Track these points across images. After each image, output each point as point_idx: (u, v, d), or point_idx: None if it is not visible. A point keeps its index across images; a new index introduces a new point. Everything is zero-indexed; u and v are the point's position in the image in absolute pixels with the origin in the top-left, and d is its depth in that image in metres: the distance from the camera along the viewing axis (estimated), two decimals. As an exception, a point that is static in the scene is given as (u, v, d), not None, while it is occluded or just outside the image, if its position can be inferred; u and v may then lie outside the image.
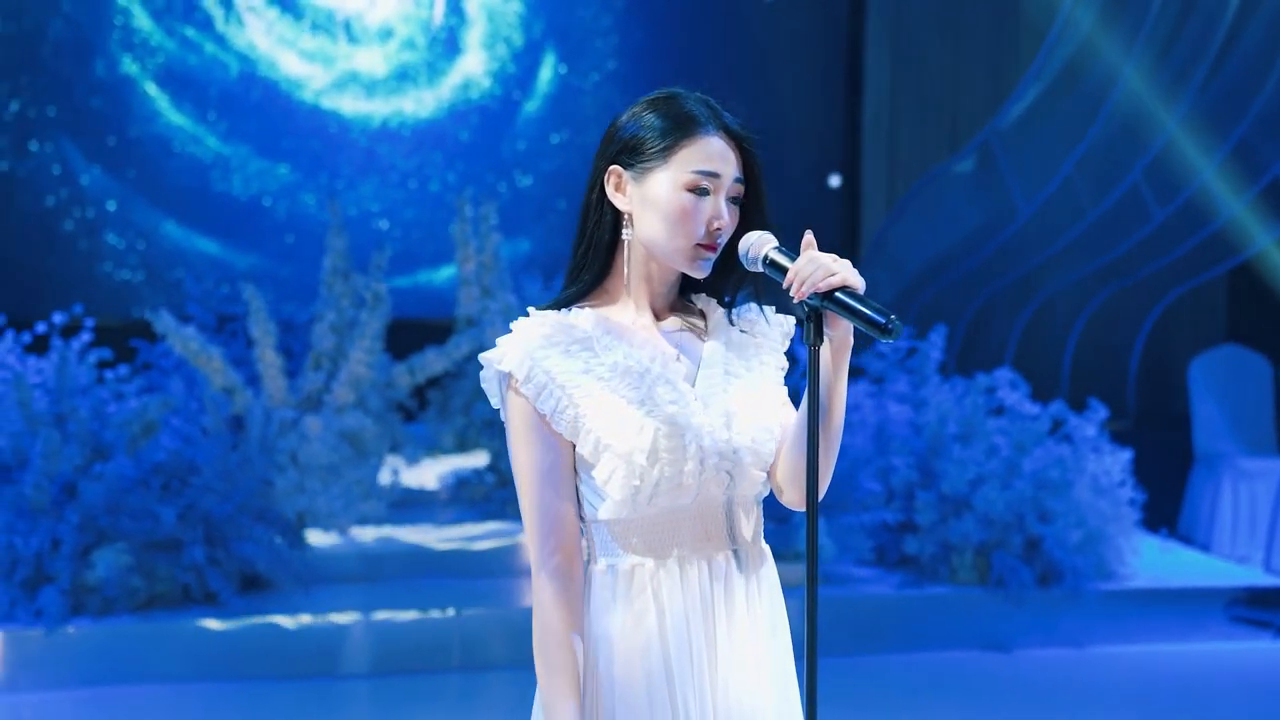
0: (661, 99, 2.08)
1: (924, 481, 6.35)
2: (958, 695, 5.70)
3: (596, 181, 2.09)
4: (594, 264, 2.10)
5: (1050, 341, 9.50)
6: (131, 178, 10.22)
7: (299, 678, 5.68)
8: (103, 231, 10.16)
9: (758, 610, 2.08)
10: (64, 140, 10.08)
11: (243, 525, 5.79)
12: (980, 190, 8.96)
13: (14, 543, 5.49)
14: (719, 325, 2.15)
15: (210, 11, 10.42)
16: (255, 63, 10.55)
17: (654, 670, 2.00)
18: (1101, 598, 6.30)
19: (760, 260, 2.00)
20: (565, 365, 2.02)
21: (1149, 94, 8.20)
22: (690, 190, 2.02)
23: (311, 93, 10.67)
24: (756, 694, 2.05)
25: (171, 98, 10.33)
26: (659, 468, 1.98)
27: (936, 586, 6.30)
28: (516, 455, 2.04)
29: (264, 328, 6.23)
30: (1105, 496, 6.42)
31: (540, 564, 2.02)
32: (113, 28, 10.23)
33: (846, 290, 1.90)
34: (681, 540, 2.04)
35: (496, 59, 10.95)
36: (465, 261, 7.31)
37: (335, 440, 6.25)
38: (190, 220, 10.36)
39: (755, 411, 2.07)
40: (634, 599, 2.02)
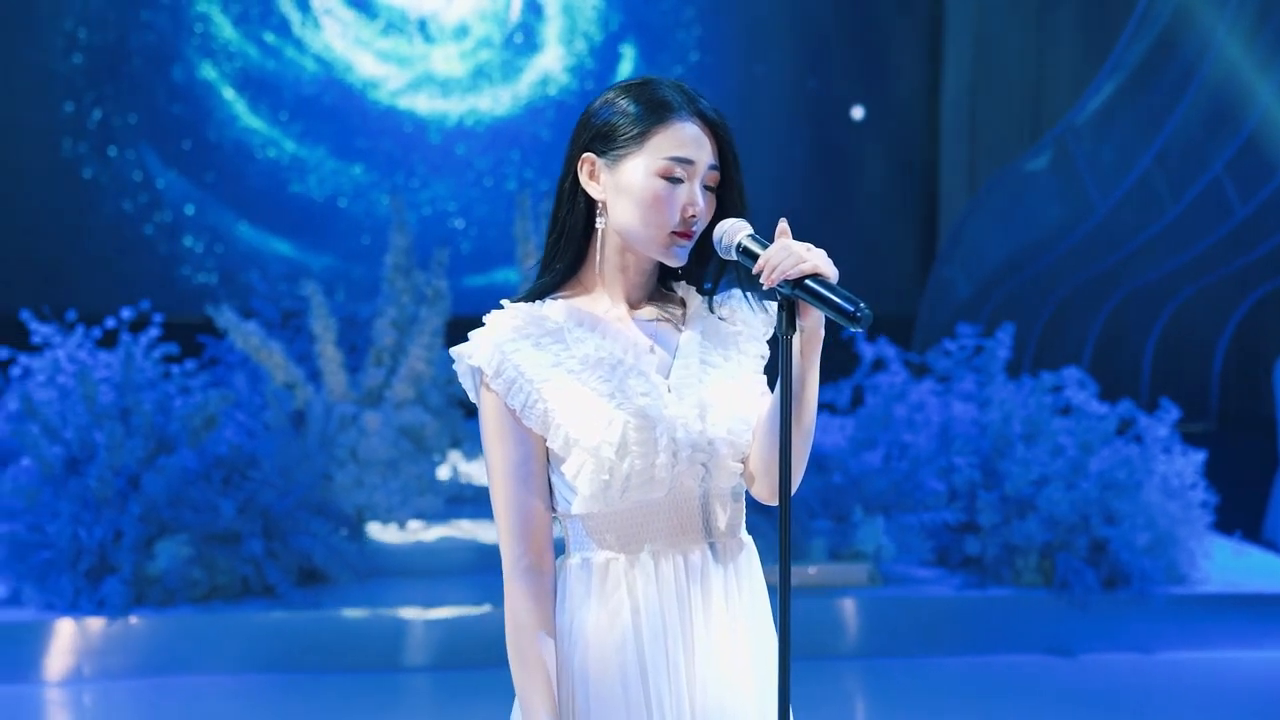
0: (635, 85, 2.05)
1: (987, 481, 6.24)
2: (1020, 699, 5.60)
3: (570, 169, 2.07)
4: (567, 253, 2.07)
5: (1130, 340, 9.31)
6: (210, 181, 10.41)
7: (355, 670, 5.73)
8: (181, 235, 10.37)
9: (737, 603, 2.05)
10: (144, 146, 10.30)
11: (301, 519, 5.85)
12: (1055, 186, 8.81)
13: (79, 533, 5.61)
14: (697, 314, 2.11)
15: (287, 15, 10.58)
16: (331, 65, 10.70)
17: (628, 666, 1.98)
18: (1170, 602, 6.14)
19: (734, 248, 1.97)
20: (535, 358, 2.00)
21: (1232, 85, 7.99)
22: (664, 177, 1.99)
23: (387, 93, 10.79)
24: (736, 689, 2.01)
25: (249, 102, 10.51)
26: (629, 461, 1.95)
27: (999, 588, 6.18)
28: (488, 450, 2.04)
29: (325, 323, 6.30)
30: (1176, 499, 6.26)
31: (511, 561, 2.01)
32: (192, 35, 10.43)
33: (817, 278, 1.86)
34: (655, 534, 2.01)
35: (574, 54, 10.97)
36: (526, 258, 7.31)
37: (394, 435, 6.30)
38: (267, 222, 10.54)
39: (731, 402, 2.04)
40: (608, 594, 2.00)
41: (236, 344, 6.26)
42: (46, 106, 10.17)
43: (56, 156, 10.19)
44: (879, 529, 6.10)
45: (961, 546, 6.29)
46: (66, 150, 10.20)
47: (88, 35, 10.19)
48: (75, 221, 10.21)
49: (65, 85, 10.18)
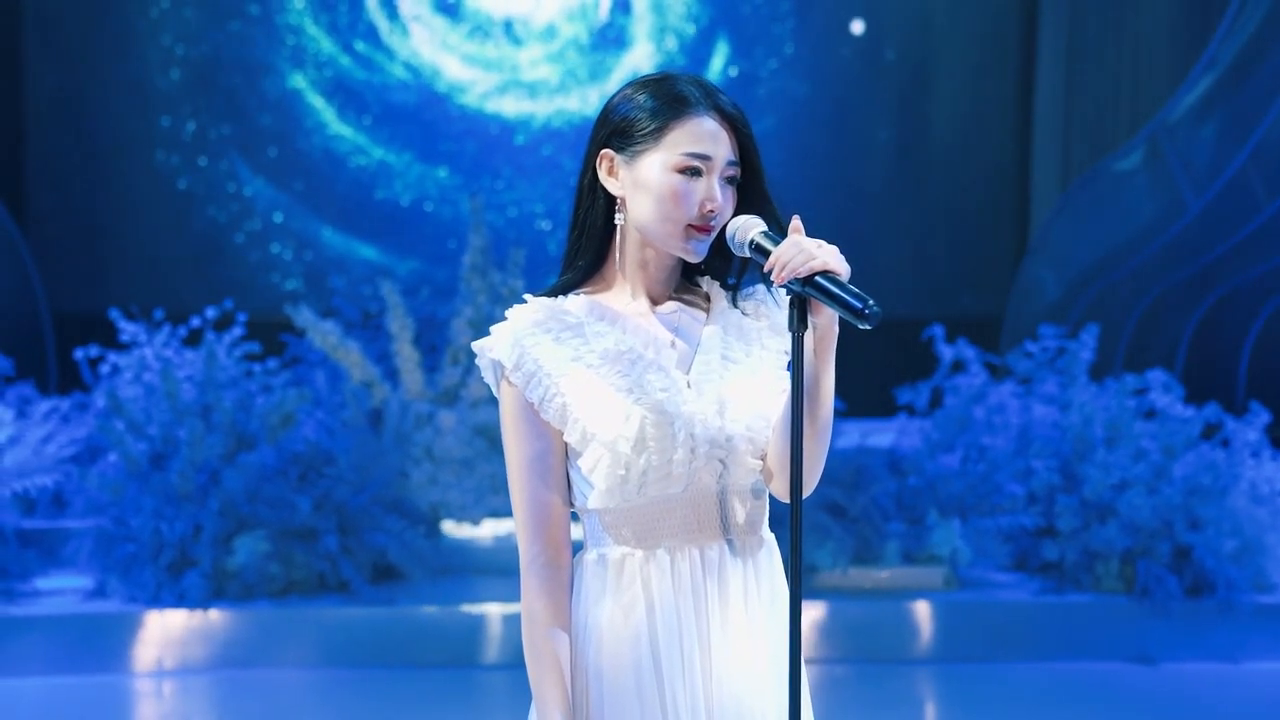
0: (653, 80, 2.04)
1: (1066, 485, 6.12)
2: (1099, 708, 5.49)
3: (588, 166, 2.07)
4: (588, 250, 2.07)
5: (1225, 342, 9.06)
6: (299, 189, 10.58)
7: (429, 666, 5.79)
8: (270, 243, 10.55)
9: (755, 601, 2.02)
10: (235, 156, 10.50)
11: (376, 516, 5.93)
12: (1147, 185, 8.62)
13: (161, 528, 5.74)
14: (721, 309, 2.10)
15: (376, 23, 10.71)
16: (419, 70, 10.81)
17: (643, 661, 1.97)
18: (1257, 610, 5.97)
19: (746, 244, 1.96)
20: (555, 352, 2.00)
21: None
22: (681, 172, 1.98)
23: (475, 97, 10.87)
24: (753, 685, 1.99)
25: (338, 109, 10.66)
26: (645, 456, 1.94)
27: (1078, 594, 6.07)
28: (507, 444, 2.03)
29: (401, 322, 6.38)
30: (1265, 505, 6.09)
31: (528, 555, 2.01)
32: (283, 46, 10.60)
33: (827, 275, 1.84)
34: (672, 530, 2.00)
35: (664, 52, 10.93)
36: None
37: (469, 434, 6.36)
38: (354, 228, 10.68)
39: (751, 398, 2.02)
40: (623, 589, 1.99)
41: (314, 342, 6.36)
42: (145, 120, 10.43)
43: (153, 168, 10.43)
44: (955, 532, 6.02)
45: (1039, 551, 6.18)
46: (160, 161, 10.45)
47: (185, 50, 10.43)
48: (169, 231, 10.45)
49: (163, 99, 10.43)
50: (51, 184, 10.41)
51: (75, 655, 5.68)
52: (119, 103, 10.43)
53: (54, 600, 5.91)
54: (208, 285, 9.58)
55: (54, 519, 6.49)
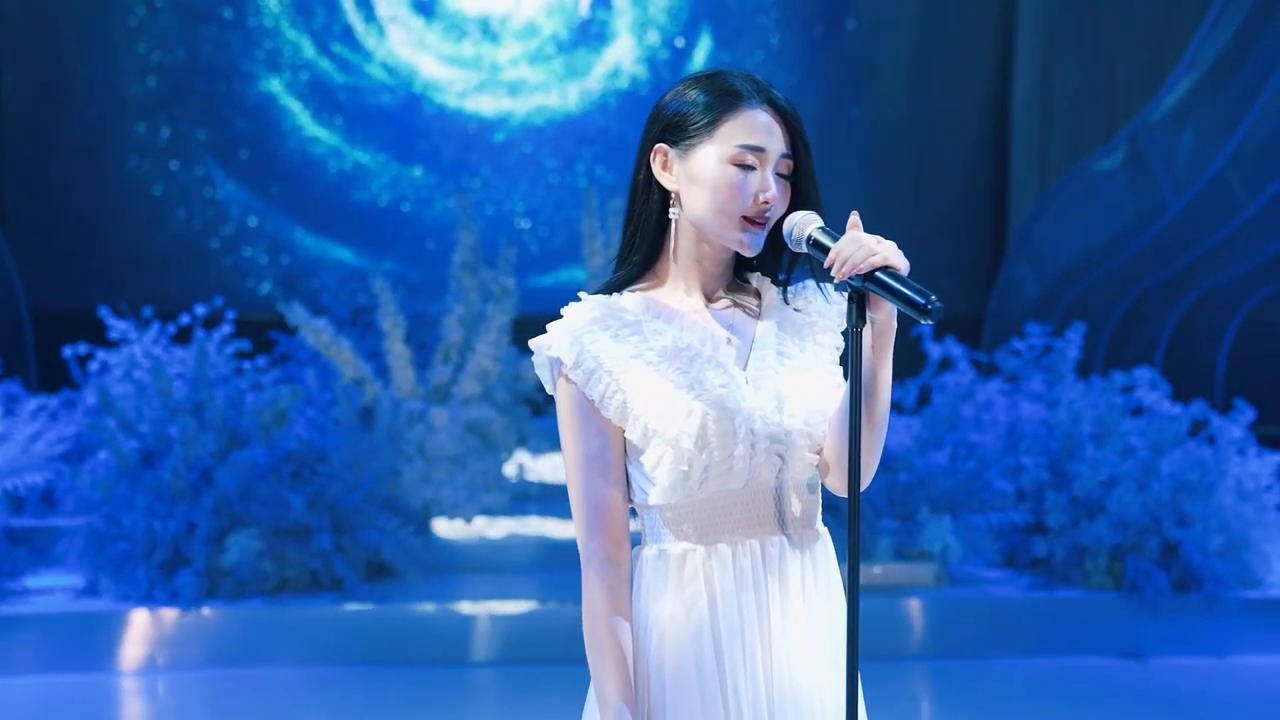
0: (705, 76, 2.06)
1: (1055, 482, 6.18)
2: (1088, 702, 5.53)
3: (643, 161, 2.08)
4: (642, 245, 2.08)
5: (1205, 341, 9.16)
6: (275, 193, 10.53)
7: (422, 664, 5.78)
8: (246, 246, 10.50)
9: (813, 594, 2.04)
10: (210, 160, 10.43)
11: (369, 514, 5.92)
12: (1128, 185, 8.70)
13: (153, 526, 5.70)
14: (773, 305, 2.11)
15: (352, 24, 10.65)
16: (397, 71, 10.76)
17: (705, 655, 1.98)
18: (1244, 606, 6.05)
19: (804, 240, 1.97)
20: (614, 350, 2.01)
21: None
22: (735, 164, 1.99)
23: (454, 96, 10.83)
24: (813, 678, 2.01)
25: (314, 112, 10.60)
26: (708, 452, 1.96)
27: (1067, 590, 6.12)
28: (566, 441, 2.03)
29: (393, 320, 6.37)
30: (1250, 501, 6.17)
31: (588, 550, 2.02)
32: (259, 49, 10.54)
33: (888, 270, 1.86)
34: (733, 525, 2.01)
35: (646, 46, 10.90)
36: (592, 256, 7.33)
37: (461, 432, 6.35)
38: (330, 231, 10.62)
39: (808, 393, 2.03)
40: (685, 584, 2.00)
41: (307, 340, 6.33)
42: (123, 126, 10.35)
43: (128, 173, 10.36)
44: (945, 529, 6.06)
45: (1029, 547, 6.23)
46: (135, 167, 10.37)
47: (161, 57, 10.36)
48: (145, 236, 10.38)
49: (139, 106, 10.36)
50: (29, 190, 10.33)
51: (67, 654, 5.64)
52: (96, 109, 10.36)
53: (45, 599, 5.87)
54: (185, 289, 9.52)
55: (43, 517, 6.45)
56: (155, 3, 10.38)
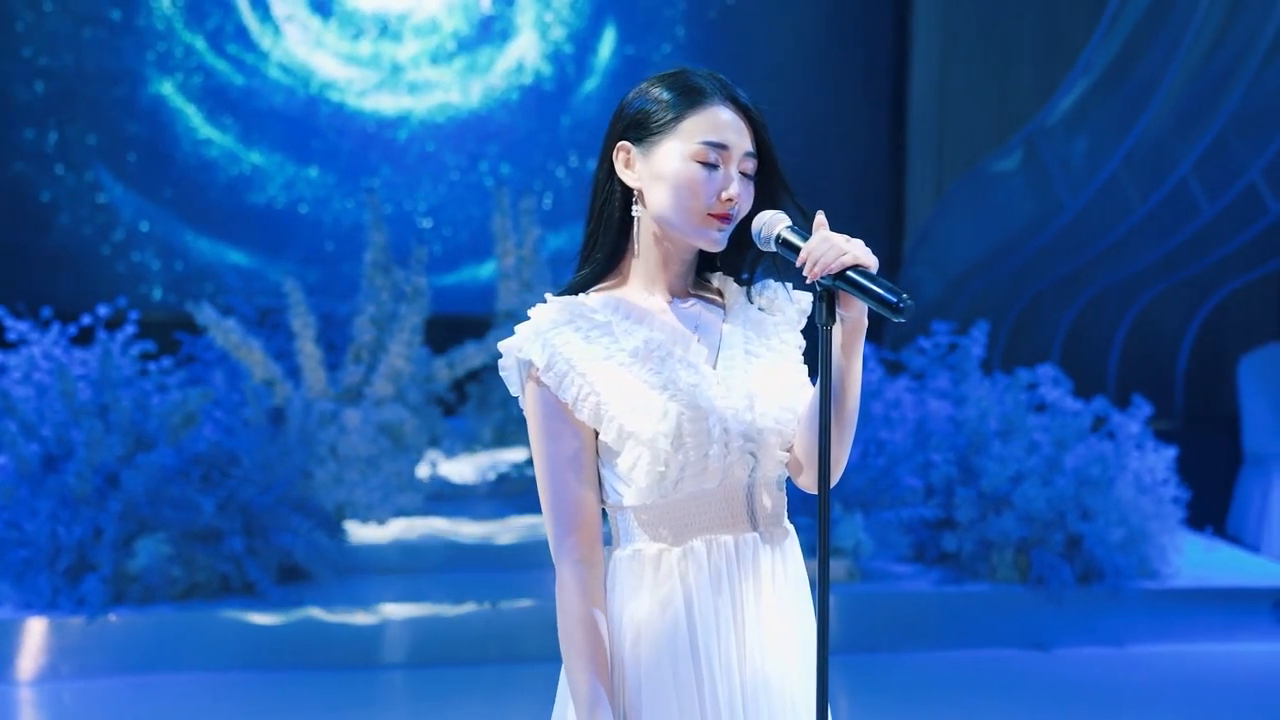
0: (669, 74, 2.07)
1: (964, 478, 6.30)
2: (996, 693, 5.65)
3: (605, 159, 2.08)
4: (605, 243, 2.08)
5: (1097, 339, 9.40)
6: (168, 197, 10.32)
7: (336, 668, 5.72)
8: (136, 252, 10.27)
9: (783, 589, 2.07)
10: (100, 166, 10.19)
11: (281, 516, 5.83)
12: (1026, 186, 8.89)
13: (57, 531, 5.56)
14: (737, 304, 2.13)
15: (247, 25, 10.46)
16: (294, 71, 10.60)
17: (680, 654, 1.99)
18: (1143, 596, 6.22)
19: (773, 239, 1.99)
20: (585, 351, 2.01)
21: (1199, 86, 8.10)
22: (698, 161, 2.00)
23: (353, 95, 10.70)
24: (784, 672, 2.04)
25: (209, 114, 10.40)
26: (683, 453, 1.97)
27: (976, 584, 6.24)
28: (538, 444, 2.03)
29: (304, 320, 6.28)
30: (1148, 494, 6.34)
31: (562, 552, 2.01)
32: (150, 51, 10.32)
33: (859, 269, 1.88)
34: (707, 523, 2.03)
35: (550, 41, 10.85)
36: (505, 255, 7.31)
37: (374, 433, 6.28)
38: (227, 234, 10.43)
39: (777, 391, 2.06)
40: (660, 583, 2.01)
41: (216, 340, 6.22)
42: (9, 133, 10.06)
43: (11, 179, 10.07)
44: (857, 525, 6.14)
45: (939, 542, 6.35)
46: (18, 171, 10.09)
47: (48, 61, 10.09)
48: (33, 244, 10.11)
49: (26, 112, 10.07)
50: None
51: (-33, 665, 5.48)
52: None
53: (-59, 608, 5.70)
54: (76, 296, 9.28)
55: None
56: (43, 6, 10.11)
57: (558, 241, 9.98)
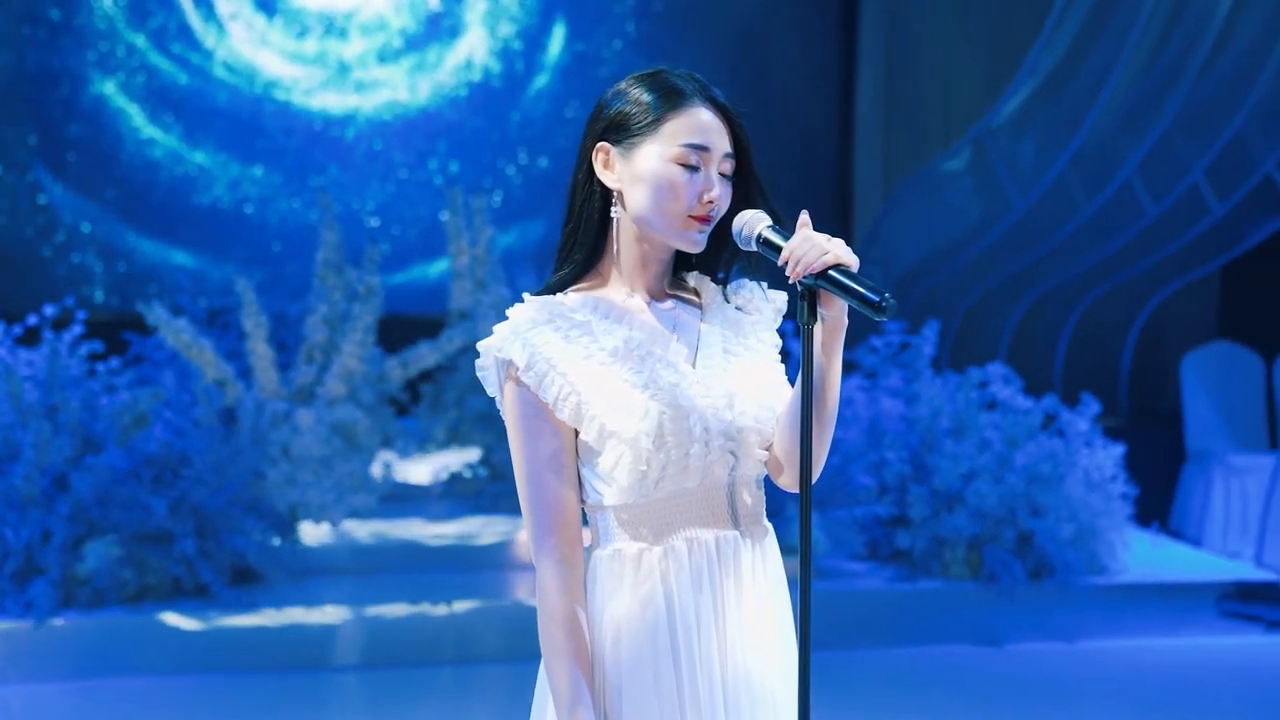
0: (647, 75, 2.06)
1: (916, 476, 6.35)
2: (949, 689, 5.69)
3: (584, 160, 2.07)
4: (584, 244, 2.07)
5: (1044, 337, 9.51)
6: (111, 198, 10.19)
7: (290, 670, 5.67)
8: (77, 253, 10.13)
9: (764, 586, 2.07)
10: (40, 167, 10.04)
11: (234, 517, 5.78)
12: (974, 186, 8.97)
13: (4, 534, 5.48)
14: (714, 303, 2.13)
15: (192, 24, 10.35)
16: (239, 70, 10.50)
17: (661, 653, 1.99)
18: (1092, 592, 6.30)
19: (754, 239, 1.99)
20: (566, 351, 2.00)
21: (1143, 89, 8.21)
22: (679, 163, 2.00)
23: (300, 94, 10.62)
24: (765, 669, 2.05)
25: (152, 114, 10.28)
26: (665, 452, 1.97)
27: (928, 581, 6.30)
28: (518, 444, 2.02)
29: (256, 320, 6.22)
30: (1097, 491, 6.42)
31: (543, 552, 2.01)
32: (91, 50, 10.18)
33: (841, 269, 1.89)
34: (687, 522, 2.03)
35: (499, 38, 10.80)
36: (459, 255, 7.28)
37: (327, 433, 6.24)
38: (171, 235, 10.31)
39: (756, 390, 2.06)
40: (641, 583, 2.01)
41: (167, 340, 6.15)
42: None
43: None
44: (813, 523, 6.17)
45: (892, 540, 6.39)
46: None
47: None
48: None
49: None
50: None
51: (-89, 671, 5.39)
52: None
53: (-116, 614, 5.60)
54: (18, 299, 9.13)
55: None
56: (-18, 6, 9.96)
57: (507, 240, 9.95)
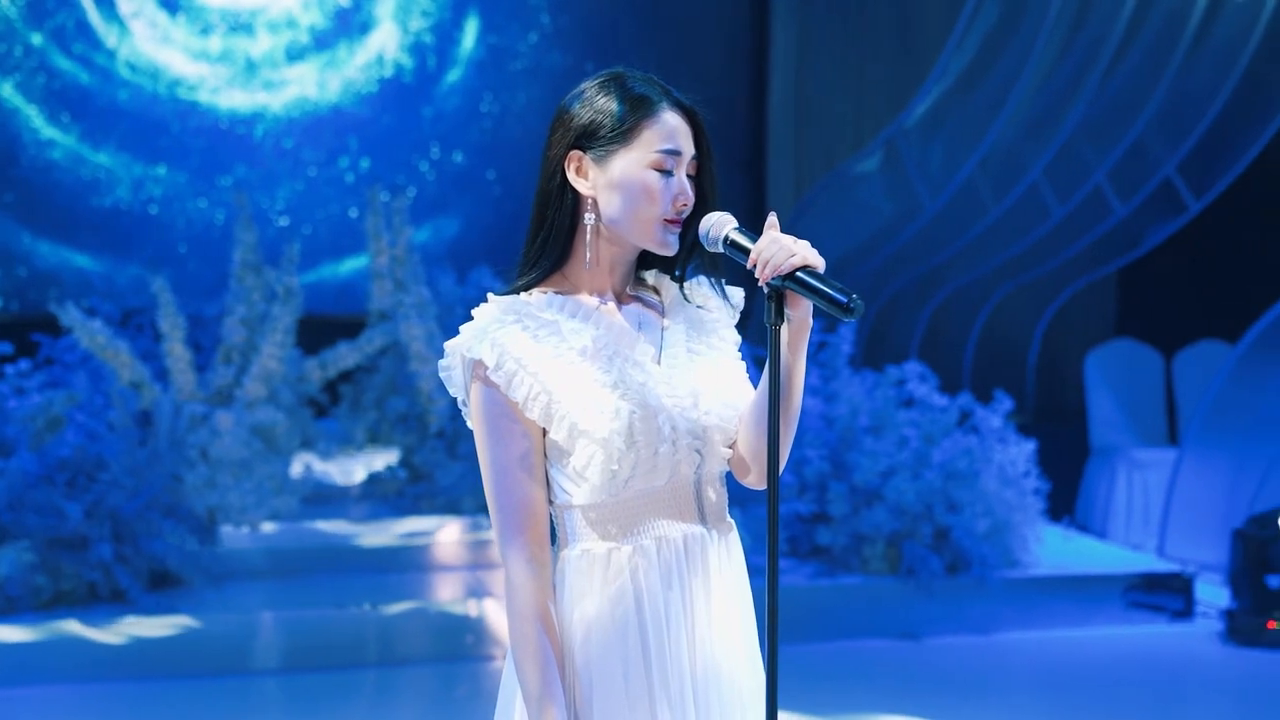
0: (610, 80, 2.08)
1: (836, 473, 6.43)
2: (870, 684, 5.76)
3: (555, 168, 2.08)
4: (553, 250, 2.08)
5: (953, 336, 9.68)
6: (8, 201, 9.95)
7: (210, 676, 5.59)
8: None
9: (730, 582, 2.11)
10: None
11: (152, 521, 5.69)
12: (886, 187, 9.11)
13: (-87, 541, 5.34)
14: (676, 303, 2.16)
15: (92, 22, 10.13)
16: (142, 69, 10.30)
17: (631, 651, 2.01)
18: (1007, 585, 6.43)
19: (721, 241, 2.02)
20: (534, 350, 2.01)
21: (1049, 94, 8.40)
22: (655, 169, 2.03)
23: (207, 93, 10.45)
24: (732, 665, 2.08)
25: (51, 115, 10.05)
26: (635, 450, 1.99)
27: (848, 576, 6.38)
28: (486, 444, 2.02)
29: (173, 321, 6.13)
30: (1011, 487, 6.55)
31: (513, 551, 2.01)
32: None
33: (808, 270, 1.93)
34: (656, 521, 2.05)
35: (411, 33, 10.71)
36: (378, 255, 7.22)
37: (246, 435, 6.16)
38: (73, 238, 10.09)
39: (720, 389, 2.09)
40: (610, 582, 2.03)
41: (82, 342, 6.03)
42: None
43: None
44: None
45: (812, 537, 6.47)
46: None
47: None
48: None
49: None
50: None
51: None
52: None
53: None
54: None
55: None
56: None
57: (422, 236, 9.88)
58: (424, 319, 6.48)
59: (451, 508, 6.59)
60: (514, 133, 10.57)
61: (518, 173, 10.54)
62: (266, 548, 6.26)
